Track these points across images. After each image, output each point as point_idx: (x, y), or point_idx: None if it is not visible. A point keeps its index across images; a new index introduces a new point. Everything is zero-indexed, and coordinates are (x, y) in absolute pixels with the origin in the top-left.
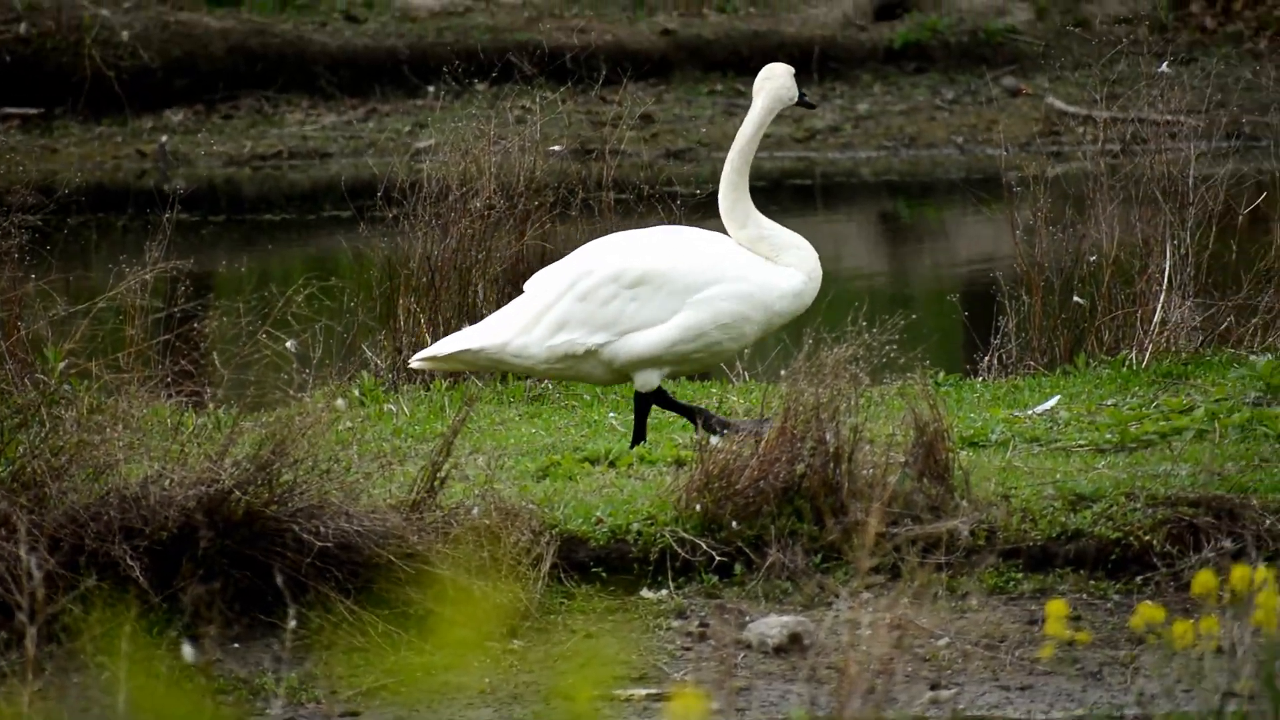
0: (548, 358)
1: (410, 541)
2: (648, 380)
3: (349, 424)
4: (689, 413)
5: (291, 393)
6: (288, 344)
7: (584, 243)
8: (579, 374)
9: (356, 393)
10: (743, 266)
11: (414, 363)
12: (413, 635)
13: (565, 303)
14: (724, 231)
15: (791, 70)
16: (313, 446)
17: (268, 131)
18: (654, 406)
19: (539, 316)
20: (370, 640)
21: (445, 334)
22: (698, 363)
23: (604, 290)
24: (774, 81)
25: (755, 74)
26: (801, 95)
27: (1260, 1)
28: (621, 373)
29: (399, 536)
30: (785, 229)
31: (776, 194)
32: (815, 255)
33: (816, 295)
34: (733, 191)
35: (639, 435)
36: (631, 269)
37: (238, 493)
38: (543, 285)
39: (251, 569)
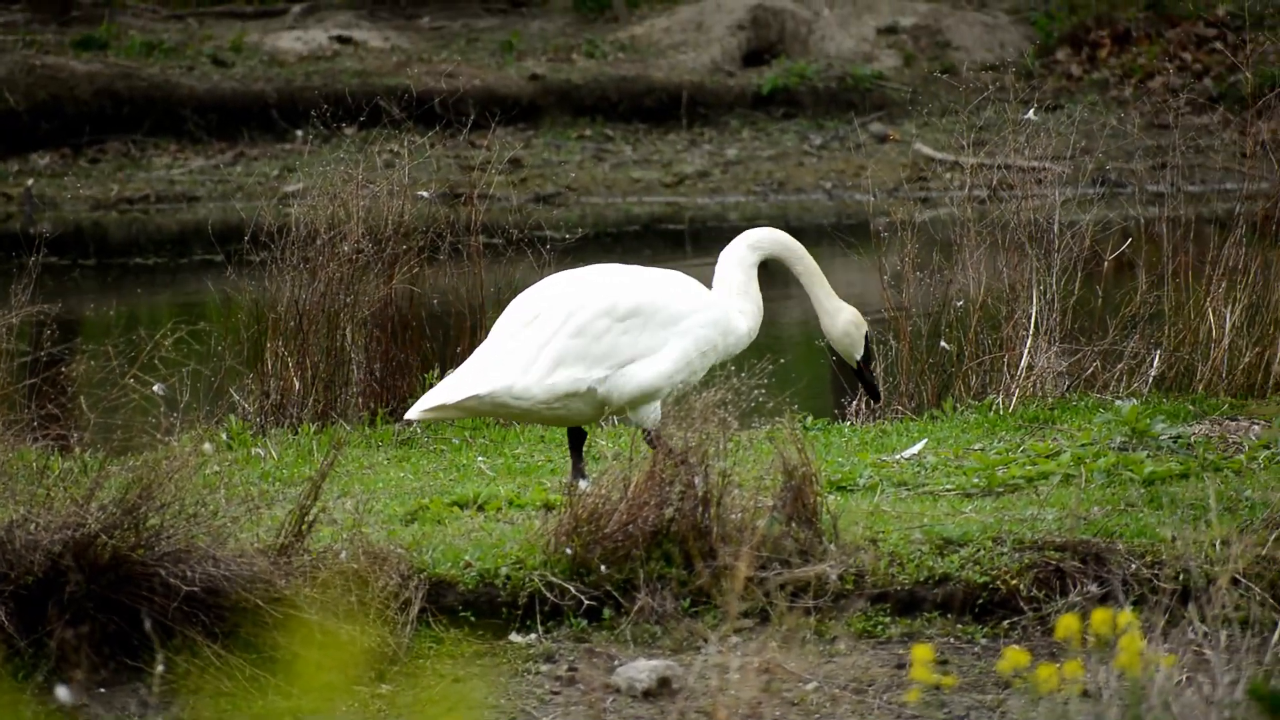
0: (548, 397)
1: (277, 585)
2: (652, 416)
3: (216, 468)
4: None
5: (159, 436)
6: (155, 387)
7: (453, 287)
8: (573, 413)
9: (224, 436)
10: (708, 295)
11: (414, 414)
12: (280, 680)
13: (561, 339)
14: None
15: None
16: (180, 490)
17: (135, 175)
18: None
19: (535, 356)
20: (237, 685)
21: (312, 379)
22: (682, 389)
23: (598, 324)
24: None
25: (624, 118)
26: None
27: (1125, 50)
28: (618, 412)
29: (266, 581)
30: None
31: (646, 238)
32: (760, 318)
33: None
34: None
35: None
36: (624, 302)
37: (104, 537)
38: (516, 322)
39: (118, 613)
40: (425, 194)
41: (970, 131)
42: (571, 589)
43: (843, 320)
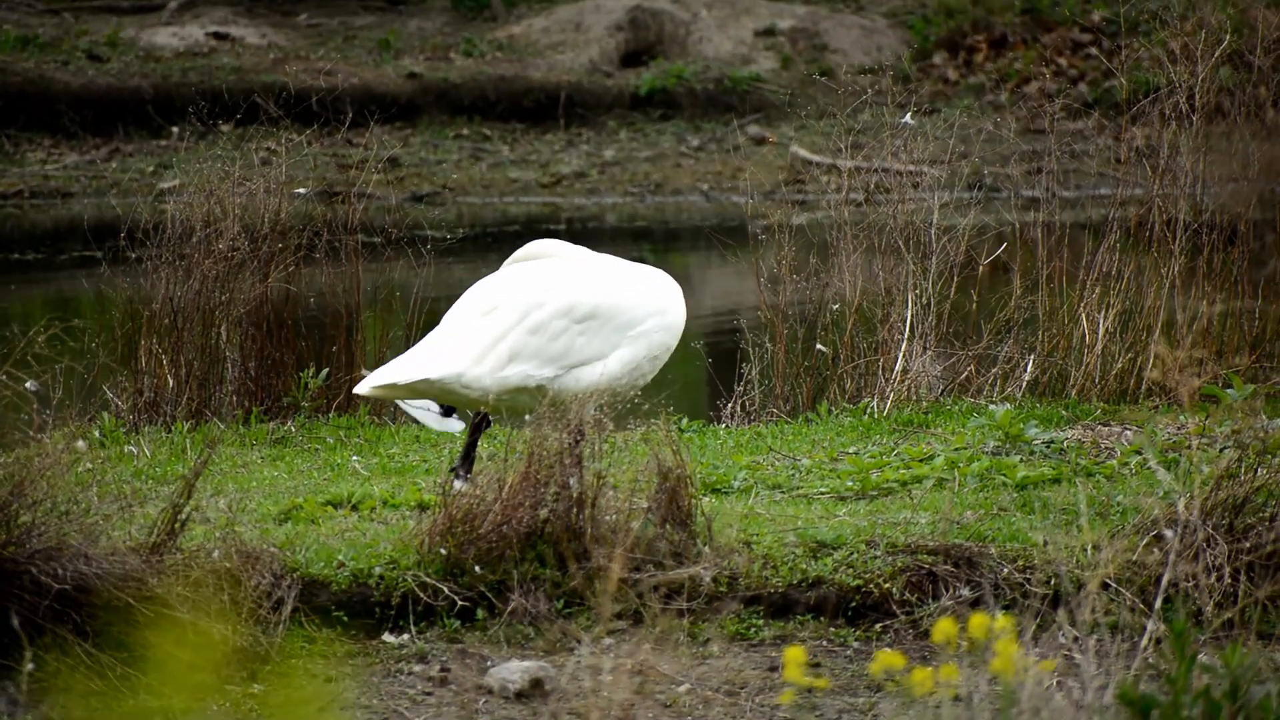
0: (498, 389)
1: (149, 584)
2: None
3: (89, 465)
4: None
5: (31, 433)
6: (28, 384)
7: (330, 286)
8: (518, 405)
9: (97, 434)
10: (662, 298)
11: (363, 389)
12: (151, 679)
13: (517, 334)
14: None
15: None
16: (52, 488)
17: (8, 170)
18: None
19: (491, 346)
20: (108, 683)
21: (187, 376)
22: (620, 394)
23: (556, 324)
24: None
25: (501, 118)
26: None
27: (1001, 54)
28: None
29: (138, 579)
30: None
31: (523, 239)
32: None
33: None
34: None
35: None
36: (583, 303)
37: None
38: (474, 310)
39: None
40: (302, 192)
41: (847, 134)
42: (445, 589)
43: None
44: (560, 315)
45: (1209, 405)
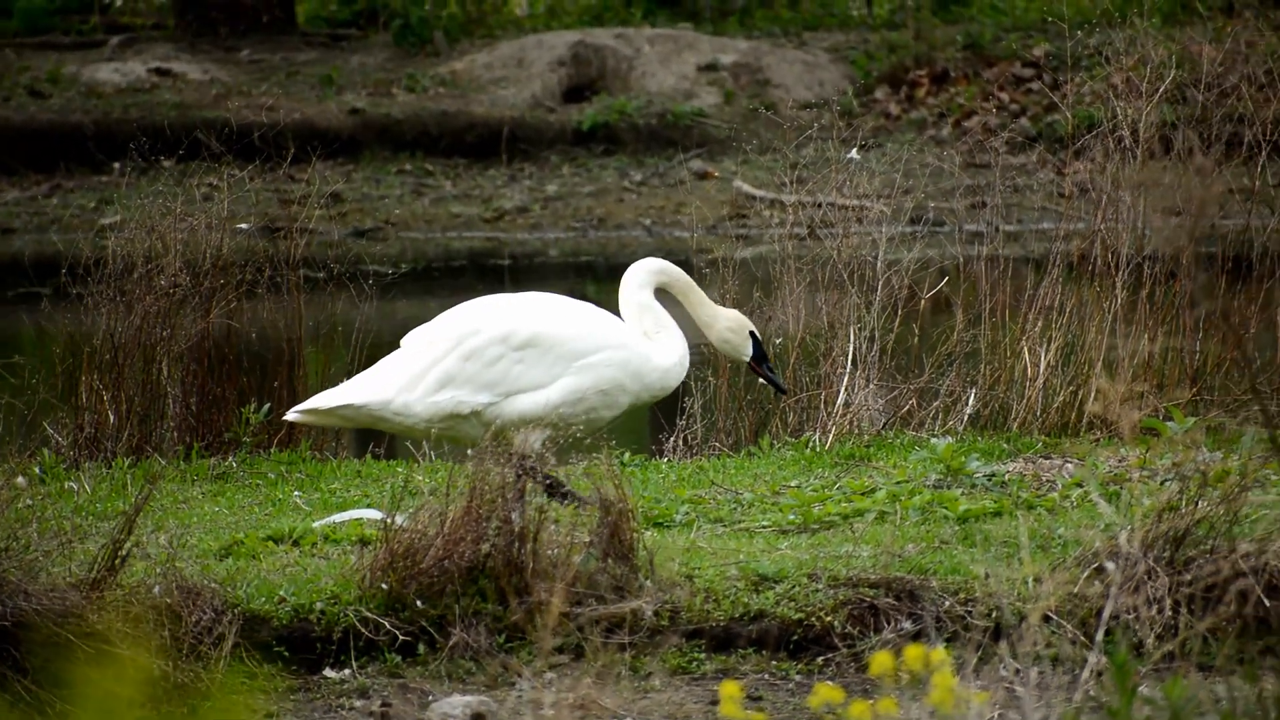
0: (430, 416)
1: (89, 620)
2: (534, 445)
3: (29, 501)
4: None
5: None
6: None
7: (272, 321)
8: (459, 434)
9: (37, 470)
10: (624, 336)
11: (291, 415)
12: (91, 715)
13: (450, 360)
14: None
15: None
16: None
17: None
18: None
19: (423, 373)
20: None
21: (128, 412)
22: (573, 428)
23: (491, 350)
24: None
25: (444, 153)
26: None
27: (943, 89)
28: (502, 435)
29: (78, 615)
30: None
31: (466, 274)
32: (685, 343)
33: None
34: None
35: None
36: (520, 331)
37: None
38: (423, 342)
39: None
40: (244, 227)
41: (791, 169)
42: (386, 624)
43: (720, 326)
44: (496, 342)
45: (1150, 438)
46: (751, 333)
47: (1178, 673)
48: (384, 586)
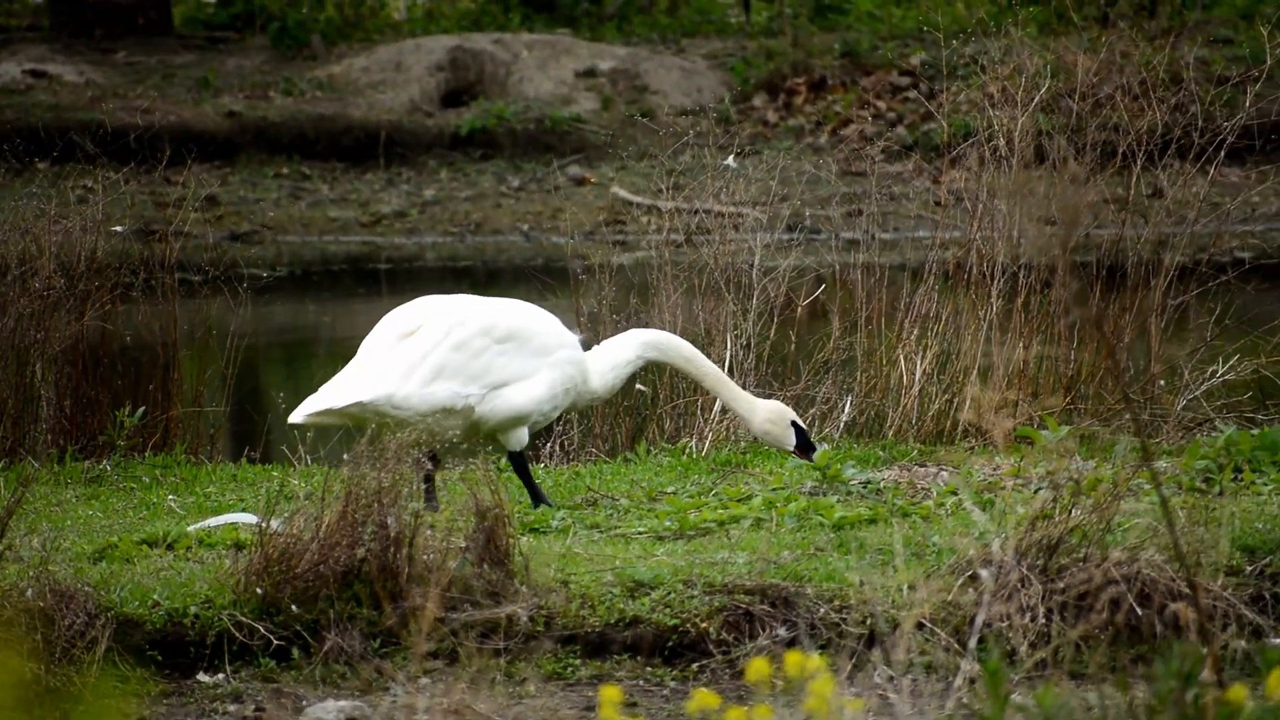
0: (426, 408)
1: None
2: (520, 439)
3: None
4: (534, 488)
5: None
6: None
7: (147, 324)
8: (445, 429)
9: None
10: (571, 339)
11: (298, 418)
12: None
13: (441, 351)
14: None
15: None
16: None
17: None
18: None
19: (415, 365)
20: None
21: (0, 415)
22: (543, 423)
23: (477, 342)
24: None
25: (321, 157)
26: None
27: (820, 97)
28: (490, 434)
29: None
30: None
31: (342, 278)
32: (615, 387)
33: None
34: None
35: (536, 495)
36: (502, 323)
37: None
38: (397, 331)
39: None
40: (119, 230)
41: (668, 175)
42: (261, 629)
43: (759, 420)
44: (481, 334)
45: (1024, 446)
46: (794, 422)
47: (1050, 680)
48: (258, 591)
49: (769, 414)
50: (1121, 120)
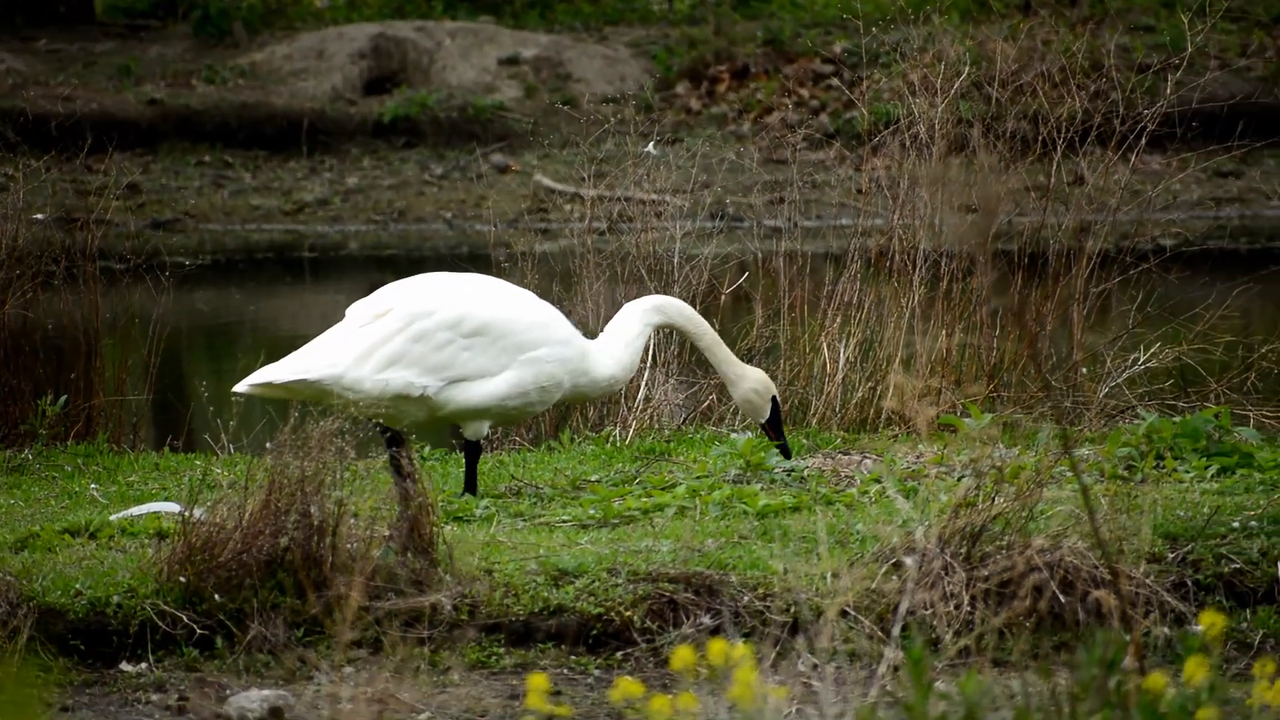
0: (379, 394)
1: None
2: (478, 430)
3: None
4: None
5: None
6: None
7: (69, 313)
8: (402, 414)
9: None
10: (567, 333)
11: (242, 388)
12: None
13: (400, 340)
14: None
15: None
16: None
17: None
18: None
19: (372, 350)
20: None
21: None
22: (513, 418)
23: (441, 335)
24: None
25: (244, 145)
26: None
27: (743, 85)
28: (448, 420)
29: None
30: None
31: (266, 266)
32: (633, 360)
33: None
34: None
35: (471, 485)
36: (472, 318)
37: None
38: (369, 314)
39: None
40: (40, 218)
41: (591, 163)
42: (184, 618)
43: (745, 386)
44: (447, 327)
45: (947, 434)
46: (774, 398)
47: (973, 667)
48: (182, 580)
49: (756, 384)
50: (1042, 108)
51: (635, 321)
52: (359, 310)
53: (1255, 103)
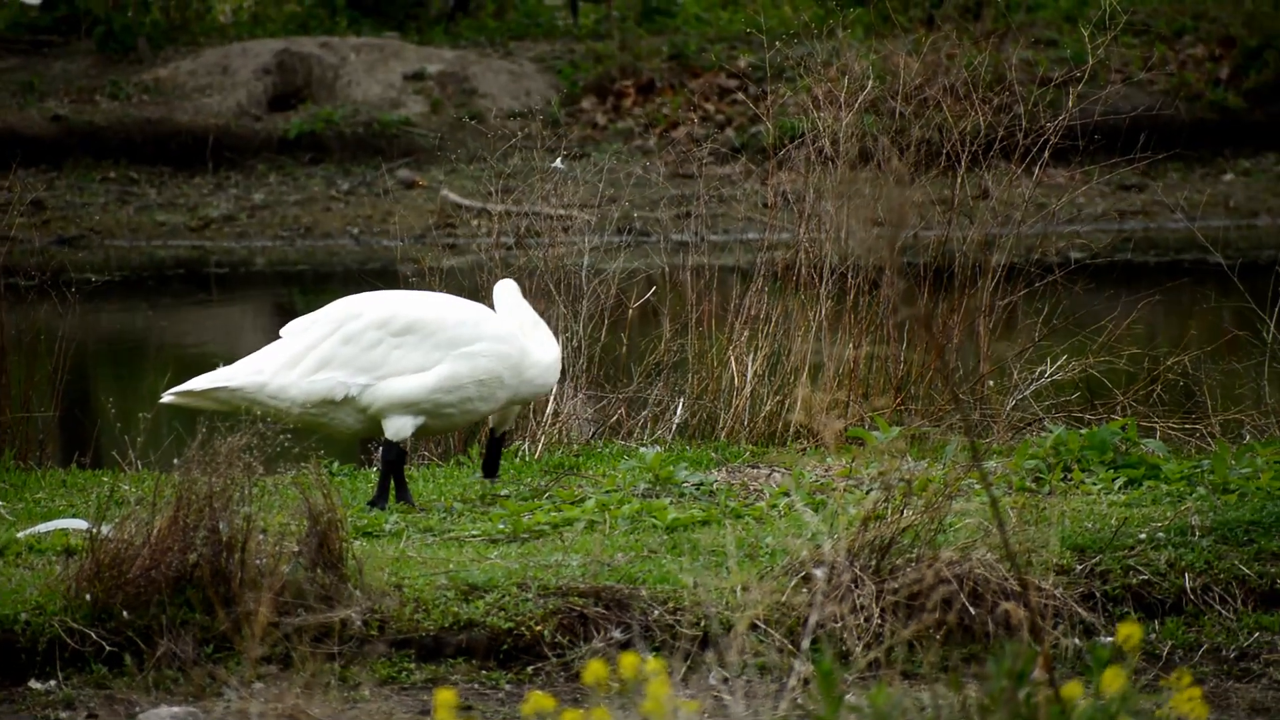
0: (306, 399)
1: None
2: (401, 428)
3: None
4: (401, 490)
5: None
6: None
7: None
8: (331, 421)
9: None
10: (504, 330)
11: (167, 398)
12: None
13: (330, 344)
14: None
15: None
16: None
17: None
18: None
19: (301, 356)
20: None
21: None
22: (449, 419)
23: (370, 335)
24: None
25: (149, 161)
26: None
27: (649, 100)
28: (375, 420)
29: None
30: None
31: (171, 282)
32: (557, 344)
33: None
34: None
35: (381, 496)
36: (400, 316)
37: None
38: (300, 328)
39: None
40: None
41: (497, 178)
42: (92, 635)
43: None
44: (376, 326)
45: (854, 447)
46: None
47: (883, 680)
48: (89, 597)
49: None
50: (946, 121)
51: (521, 300)
52: (293, 327)
53: (1158, 115)
